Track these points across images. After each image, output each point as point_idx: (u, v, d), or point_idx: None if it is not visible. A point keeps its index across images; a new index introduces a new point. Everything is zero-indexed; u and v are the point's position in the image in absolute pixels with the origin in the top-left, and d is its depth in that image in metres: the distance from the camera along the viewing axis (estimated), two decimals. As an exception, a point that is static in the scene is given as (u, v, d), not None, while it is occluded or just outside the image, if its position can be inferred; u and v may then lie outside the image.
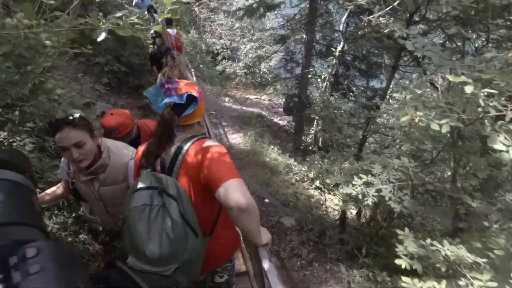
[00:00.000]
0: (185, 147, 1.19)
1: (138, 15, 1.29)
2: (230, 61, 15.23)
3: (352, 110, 5.76)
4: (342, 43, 5.39)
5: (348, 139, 5.59)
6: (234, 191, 1.04)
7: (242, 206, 1.03)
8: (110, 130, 1.95)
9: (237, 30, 15.26)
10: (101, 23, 1.17)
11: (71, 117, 1.39)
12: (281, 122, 11.05)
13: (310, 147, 7.11)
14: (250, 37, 15.01)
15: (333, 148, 5.91)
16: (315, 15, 7.31)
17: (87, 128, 1.42)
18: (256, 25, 15.20)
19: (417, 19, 3.73)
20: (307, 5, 7.53)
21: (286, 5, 7.83)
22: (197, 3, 15.18)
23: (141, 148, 1.32)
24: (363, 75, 8.51)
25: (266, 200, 5.50)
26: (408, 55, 4.39)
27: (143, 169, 1.23)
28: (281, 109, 12.47)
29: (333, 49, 5.47)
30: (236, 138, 8.12)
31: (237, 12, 7.88)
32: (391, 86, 5.04)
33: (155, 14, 8.24)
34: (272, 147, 7.82)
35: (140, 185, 1.15)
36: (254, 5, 7.59)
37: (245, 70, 14.90)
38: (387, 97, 5.15)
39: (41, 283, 0.34)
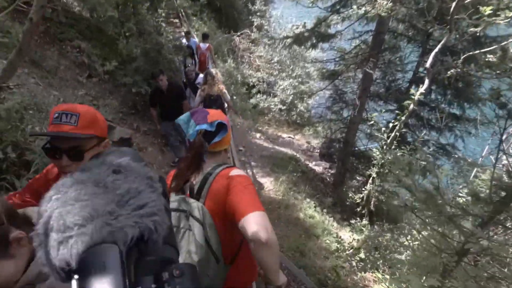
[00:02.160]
0: (213, 174, 1.22)
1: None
2: (265, 96, 14.28)
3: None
4: (426, 84, 4.06)
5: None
6: (255, 224, 1.02)
7: (262, 240, 0.99)
8: None
9: (275, 64, 14.45)
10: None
11: None
12: (316, 169, 9.57)
13: (358, 209, 5.55)
14: (289, 73, 14.09)
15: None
16: (379, 49, 6.11)
17: None
18: (297, 60, 14.38)
19: None
20: (370, 38, 6.38)
21: (342, 36, 6.72)
22: (239, 33, 14.74)
23: (173, 172, 1.33)
24: (432, 128, 6.99)
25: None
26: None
27: (172, 192, 1.24)
28: (317, 153, 11.06)
29: (412, 90, 4.15)
30: (266, 183, 6.73)
31: (285, 41, 6.85)
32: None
33: (192, 39, 7.52)
34: (308, 200, 6.34)
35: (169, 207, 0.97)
36: (306, 34, 6.54)
37: (280, 106, 13.82)
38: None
39: None
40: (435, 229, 2.19)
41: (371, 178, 5.00)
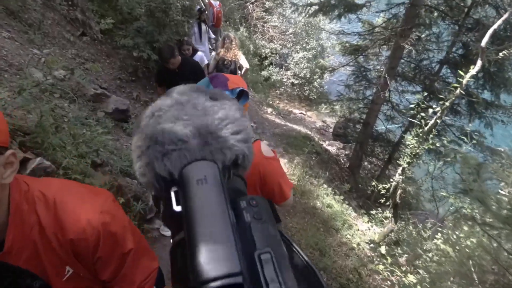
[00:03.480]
0: None
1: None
2: (277, 68, 13.65)
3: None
4: (478, 65, 3.55)
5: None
6: (289, 204, 1.40)
7: (291, 203, 1.48)
8: None
9: (290, 35, 13.65)
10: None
11: None
12: (330, 149, 9.23)
13: (382, 200, 5.26)
14: (304, 45, 13.33)
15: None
16: (413, 24, 5.52)
17: None
18: (312, 33, 13.55)
19: None
20: (403, 11, 5.75)
21: (370, 8, 6.08)
22: (252, 0, 13.81)
23: None
24: (457, 113, 6.49)
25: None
26: None
27: None
28: (330, 132, 10.67)
29: (460, 72, 3.65)
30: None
31: (308, 8, 6.21)
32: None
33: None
34: (325, 186, 6.06)
35: None
36: (332, 1, 5.91)
37: (293, 80, 13.24)
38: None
39: (263, 228, 0.40)
40: (504, 248, 1.89)
41: (400, 169, 4.64)
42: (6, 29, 3.90)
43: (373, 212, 5.50)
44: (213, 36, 6.45)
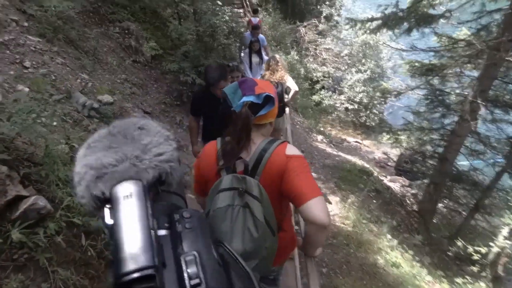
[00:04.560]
0: (269, 151, 1.20)
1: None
2: (330, 92, 12.66)
3: None
4: None
5: None
6: (318, 210, 1.09)
7: (324, 225, 1.10)
8: None
9: (345, 57, 12.68)
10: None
11: None
12: (392, 186, 7.80)
13: (475, 267, 3.84)
14: (360, 67, 12.23)
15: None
16: (516, 34, 4.25)
17: None
18: (370, 53, 12.41)
19: None
20: (499, 19, 4.51)
21: (450, 18, 4.93)
22: (305, 24, 13.26)
23: (210, 148, 1.30)
24: None
25: None
26: None
27: (223, 170, 1.22)
28: (392, 166, 9.21)
29: None
30: (330, 205, 5.30)
31: (368, 24, 5.26)
32: None
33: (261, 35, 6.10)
34: (389, 237, 4.79)
35: (223, 186, 1.18)
36: (400, 13, 4.90)
37: (347, 105, 12.10)
38: None
39: (192, 236, 0.48)
40: None
41: (506, 230, 3.30)
42: (62, 56, 3.95)
43: (459, 280, 4.07)
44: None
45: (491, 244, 3.68)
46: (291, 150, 1.22)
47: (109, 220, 0.46)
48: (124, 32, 5.54)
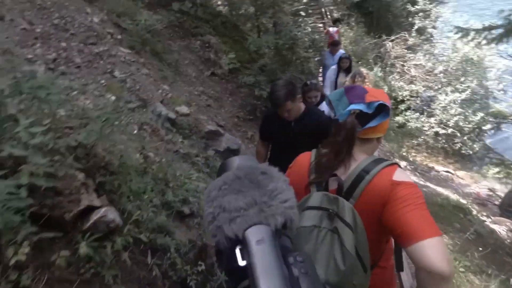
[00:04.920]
0: (372, 172, 1.02)
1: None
2: (417, 114, 11.27)
3: None
4: None
5: None
6: (436, 253, 0.87)
7: (445, 274, 0.86)
8: None
9: (440, 75, 11.20)
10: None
11: None
12: (497, 229, 6.33)
13: None
14: (457, 87, 10.62)
15: None
16: None
17: None
18: (471, 70, 10.69)
19: None
20: None
21: None
22: (393, 37, 12.21)
23: (303, 158, 1.18)
24: None
25: None
26: None
27: (313, 185, 1.10)
28: (495, 204, 7.56)
29: None
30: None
31: (486, 33, 4.33)
32: None
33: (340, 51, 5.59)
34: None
35: (310, 203, 1.03)
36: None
37: (438, 129, 10.58)
38: None
39: (308, 282, 0.48)
40: None
41: None
42: (147, 67, 4.19)
43: None
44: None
45: None
46: (401, 175, 1.02)
47: (241, 262, 0.48)
48: (204, 46, 5.74)
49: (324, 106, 2.94)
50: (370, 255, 1.03)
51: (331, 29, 5.48)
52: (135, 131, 2.63)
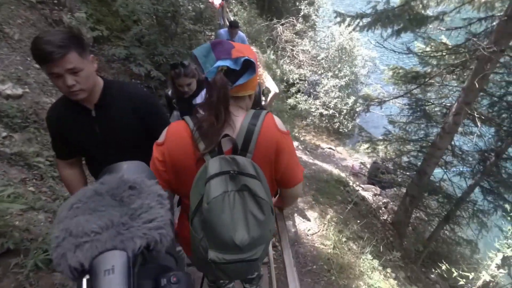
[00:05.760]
0: (258, 124, 1.03)
1: None
2: (305, 96, 12.31)
3: None
4: None
5: None
6: (298, 193, 1.24)
7: (296, 202, 1.51)
8: None
9: (322, 61, 12.40)
10: None
11: None
12: (366, 195, 7.53)
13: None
14: (336, 73, 12.00)
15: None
16: (507, 44, 4.01)
17: None
18: (346, 58, 12.22)
19: None
20: (490, 28, 4.26)
21: (442, 22, 4.64)
22: (282, 21, 12.81)
23: (178, 129, 1.05)
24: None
25: None
26: None
27: (208, 154, 1.01)
28: (364, 173, 9.00)
29: None
30: (309, 222, 4.78)
31: (358, 21, 4.83)
32: None
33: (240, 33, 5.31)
34: (370, 256, 4.39)
35: (211, 171, 0.97)
36: (396, 11, 4.52)
37: (322, 111, 11.81)
38: None
39: None
40: None
41: (499, 257, 2.96)
42: None
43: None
44: None
45: (480, 273, 3.39)
46: (280, 123, 1.10)
47: None
48: (52, 2, 4.36)
49: (199, 97, 2.42)
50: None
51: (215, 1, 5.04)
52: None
